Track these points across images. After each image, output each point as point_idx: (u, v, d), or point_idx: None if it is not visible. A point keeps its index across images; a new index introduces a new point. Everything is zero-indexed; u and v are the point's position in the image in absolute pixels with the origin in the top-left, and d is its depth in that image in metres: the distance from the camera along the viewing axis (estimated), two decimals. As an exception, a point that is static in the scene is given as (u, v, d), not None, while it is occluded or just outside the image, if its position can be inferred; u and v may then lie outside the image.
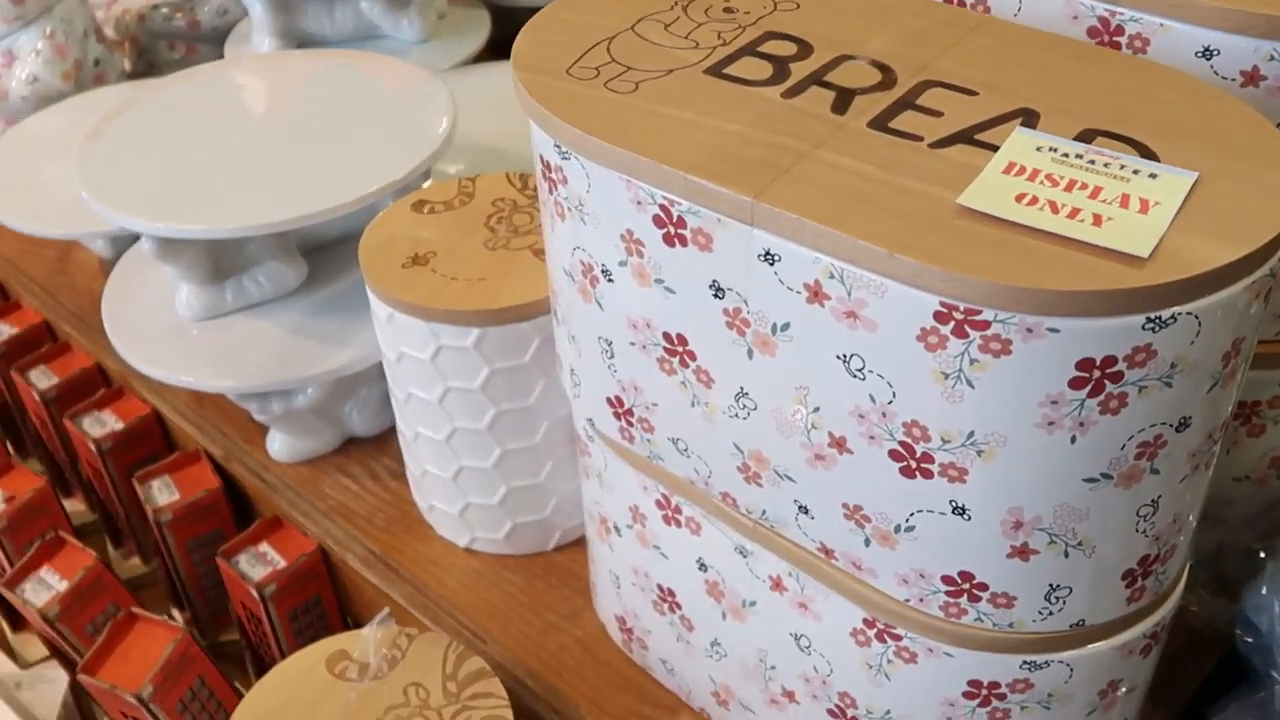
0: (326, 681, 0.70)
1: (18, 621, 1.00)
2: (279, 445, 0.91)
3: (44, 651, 0.98)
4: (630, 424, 0.61)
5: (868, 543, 0.53)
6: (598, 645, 0.77)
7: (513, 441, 0.77)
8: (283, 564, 0.86)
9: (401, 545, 0.85)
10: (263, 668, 0.92)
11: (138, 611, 0.84)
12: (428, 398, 0.76)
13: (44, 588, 0.87)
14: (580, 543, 0.84)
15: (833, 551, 0.55)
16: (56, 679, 0.93)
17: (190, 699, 0.83)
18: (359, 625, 0.85)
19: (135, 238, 1.06)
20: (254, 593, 0.84)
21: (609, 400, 0.62)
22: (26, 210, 1.03)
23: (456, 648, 0.72)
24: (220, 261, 0.89)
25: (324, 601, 0.89)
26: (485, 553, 0.84)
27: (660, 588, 0.68)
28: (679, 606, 0.68)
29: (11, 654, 0.98)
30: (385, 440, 0.94)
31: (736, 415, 0.54)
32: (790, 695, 0.63)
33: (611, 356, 0.59)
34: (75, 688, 0.93)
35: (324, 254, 0.94)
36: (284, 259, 0.89)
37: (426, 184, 0.88)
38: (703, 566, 0.64)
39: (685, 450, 0.59)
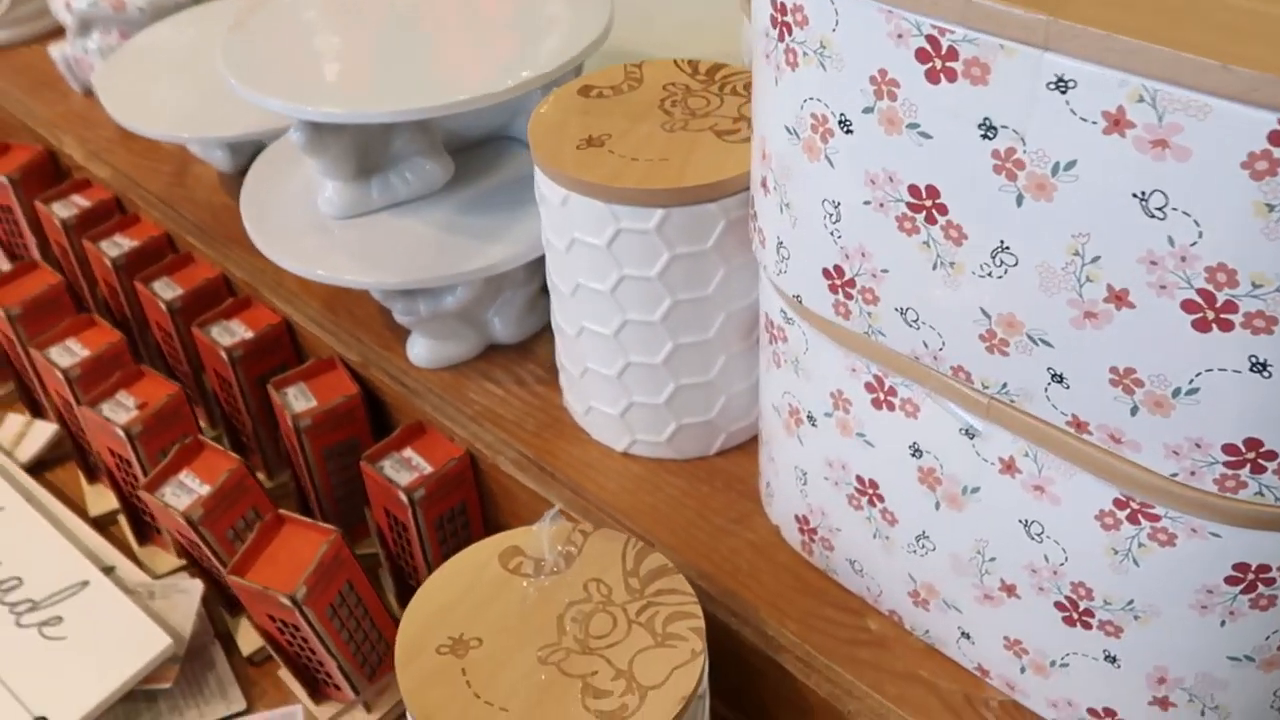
0: (501, 577, 0.67)
1: (144, 535, 0.98)
2: (421, 350, 0.88)
3: (172, 564, 0.96)
4: (849, 297, 0.57)
5: (1134, 411, 0.49)
6: (772, 549, 0.74)
7: (686, 335, 0.73)
8: (429, 469, 0.83)
9: (555, 449, 0.82)
10: (403, 580, 0.90)
11: (286, 514, 0.81)
12: (599, 288, 0.72)
13: (185, 491, 0.85)
14: (744, 447, 0.81)
15: (1087, 424, 0.51)
16: (190, 588, 0.90)
17: (339, 604, 0.80)
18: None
19: (256, 149, 1.04)
20: (402, 497, 0.81)
21: (826, 272, 0.58)
22: (149, 116, 1.01)
23: (635, 544, 0.69)
24: (366, 157, 0.85)
25: (469, 509, 0.86)
26: (645, 457, 0.80)
27: (860, 480, 0.64)
28: (880, 499, 0.64)
29: (139, 566, 0.96)
30: (528, 347, 0.90)
31: (989, 275, 0.51)
32: (1010, 589, 0.60)
33: (837, 220, 0.55)
34: (209, 598, 0.91)
35: (469, 154, 0.91)
36: (431, 155, 0.86)
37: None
38: (917, 453, 0.60)
39: (915, 321, 0.55)
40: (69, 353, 0.97)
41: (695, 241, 0.69)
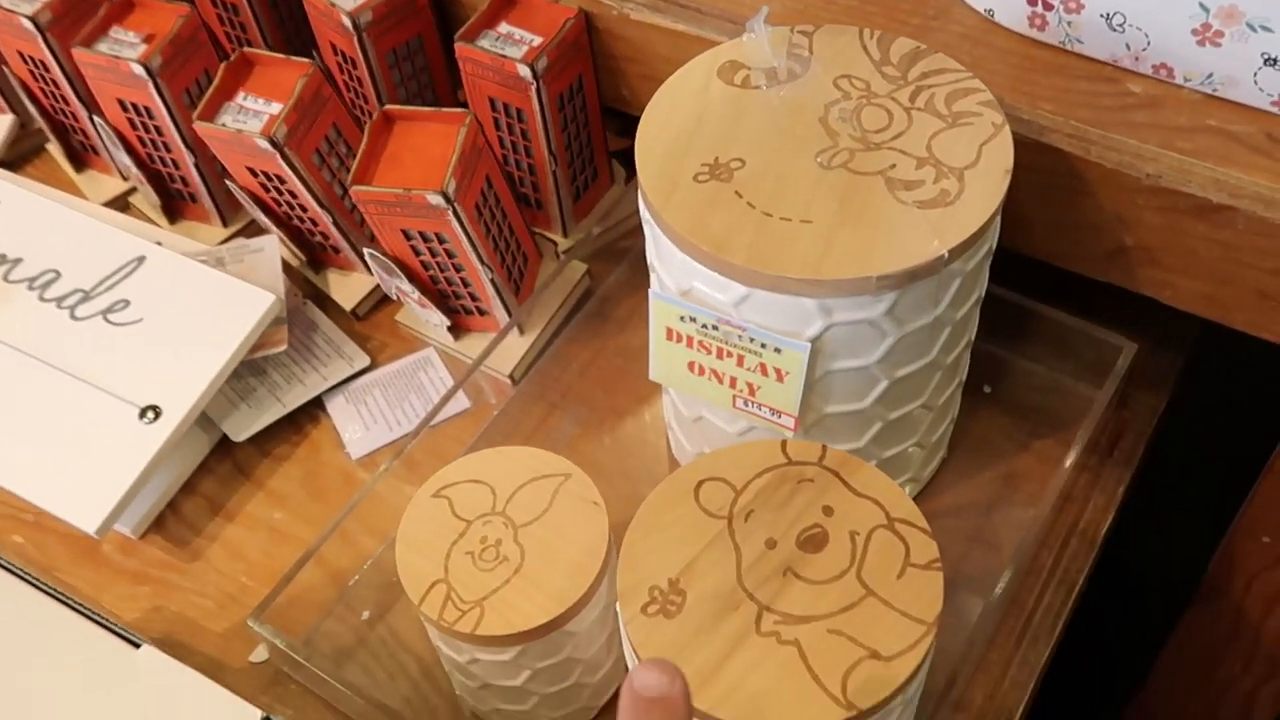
0: (731, 94, 0.56)
1: (175, 209, 0.83)
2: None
3: (222, 234, 0.82)
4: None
5: None
6: (987, 36, 0.63)
7: None
8: (539, 39, 0.69)
9: (694, -17, 0.69)
10: (514, 185, 0.77)
11: (397, 109, 0.67)
12: None
13: (250, 115, 0.69)
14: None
15: None
16: (264, 245, 0.76)
17: (483, 204, 0.68)
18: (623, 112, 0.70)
19: None
20: (522, 72, 0.68)
21: None
22: None
23: (873, 34, 0.58)
24: None
25: (585, 85, 0.73)
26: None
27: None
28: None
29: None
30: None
31: None
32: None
33: None
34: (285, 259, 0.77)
35: None
36: None
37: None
38: None
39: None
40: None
41: None
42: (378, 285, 0.77)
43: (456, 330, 0.74)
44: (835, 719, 0.43)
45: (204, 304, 0.72)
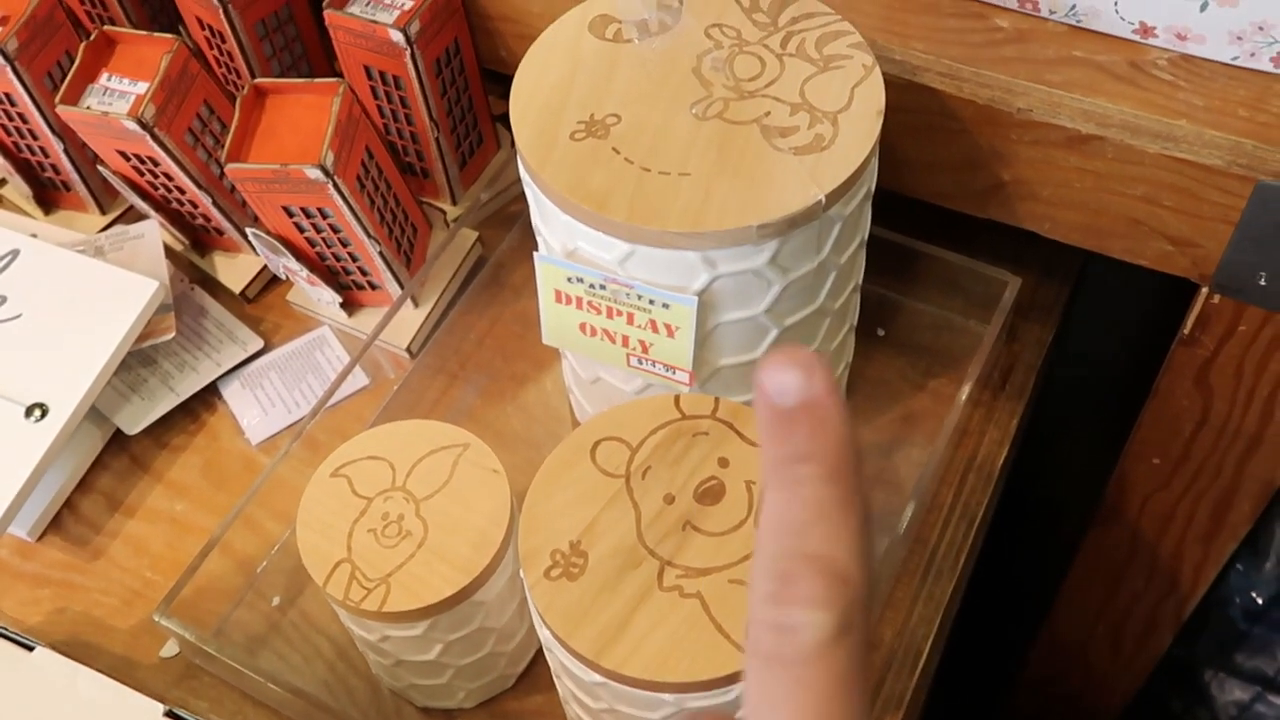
0: (603, 48, 0.55)
1: (49, 199, 0.80)
2: None
3: (100, 222, 0.79)
4: None
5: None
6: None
7: None
8: (410, 3, 0.68)
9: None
10: (396, 155, 0.76)
11: (268, 82, 0.66)
12: None
13: (116, 96, 0.67)
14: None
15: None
16: (144, 231, 0.74)
17: (365, 176, 0.67)
18: (505, 75, 0.69)
19: None
20: (395, 38, 0.66)
21: None
22: None
23: (742, -20, 0.57)
24: None
25: (463, 48, 0.72)
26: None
27: None
28: None
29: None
30: None
31: None
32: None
33: None
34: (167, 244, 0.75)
35: None
36: None
37: None
38: None
39: None
40: None
41: None
42: (266, 265, 0.76)
43: (349, 307, 0.73)
44: (741, 667, 0.44)
45: (85, 295, 0.70)
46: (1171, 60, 0.59)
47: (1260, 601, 0.86)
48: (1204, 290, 0.60)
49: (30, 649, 0.59)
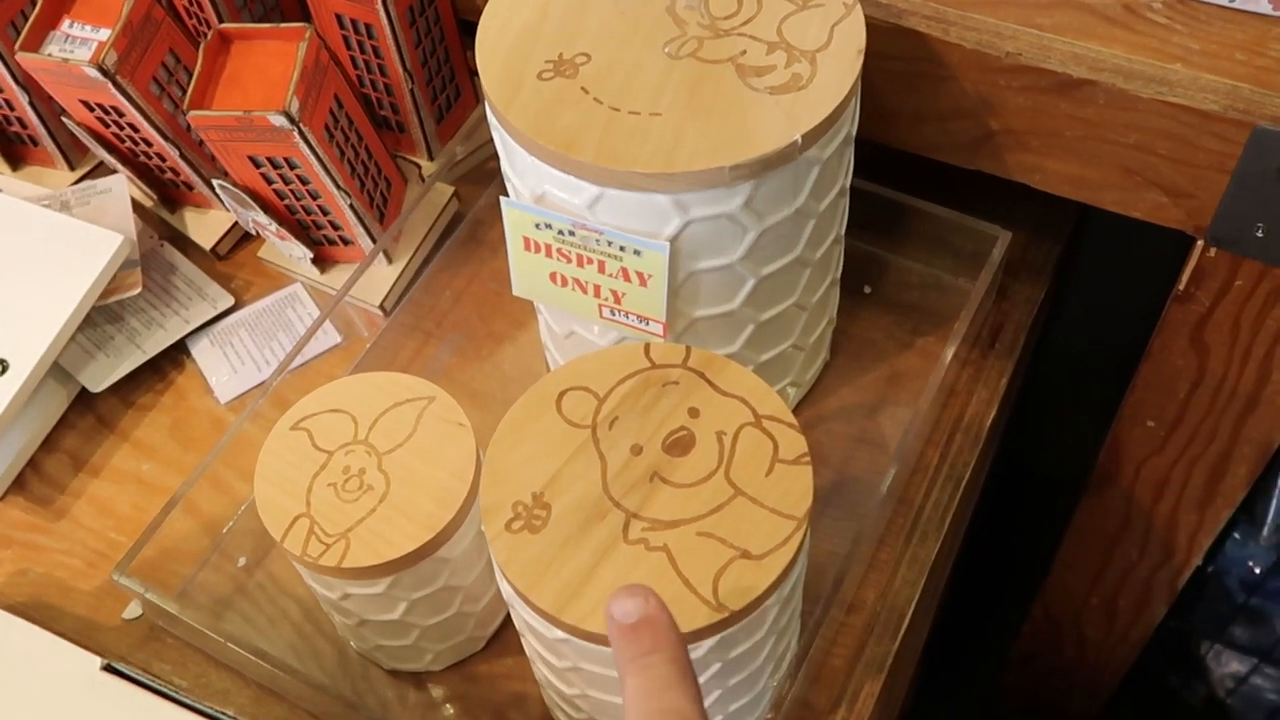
0: (573, -10, 0.53)
1: (15, 155, 0.78)
2: None
3: (69, 177, 0.77)
4: None
5: None
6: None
7: None
8: (384, -51, 0.66)
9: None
10: (371, 109, 0.74)
11: (232, 28, 0.64)
12: None
13: (77, 43, 0.65)
14: None
15: None
16: (111, 185, 0.72)
17: (334, 125, 0.65)
18: None
19: None
20: (365, -14, 0.64)
21: None
22: None
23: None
24: None
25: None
26: None
27: None
28: None
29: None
30: None
31: None
32: None
33: None
34: (135, 199, 0.73)
35: None
36: None
37: None
38: None
39: None
40: None
41: None
42: (237, 222, 0.74)
43: (321, 263, 0.71)
44: (707, 621, 0.42)
45: (48, 250, 0.68)
46: (1166, 3, 0.57)
47: (1258, 572, 0.84)
48: (1199, 243, 0.58)
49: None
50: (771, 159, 0.48)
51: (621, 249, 0.51)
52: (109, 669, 0.52)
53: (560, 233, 0.51)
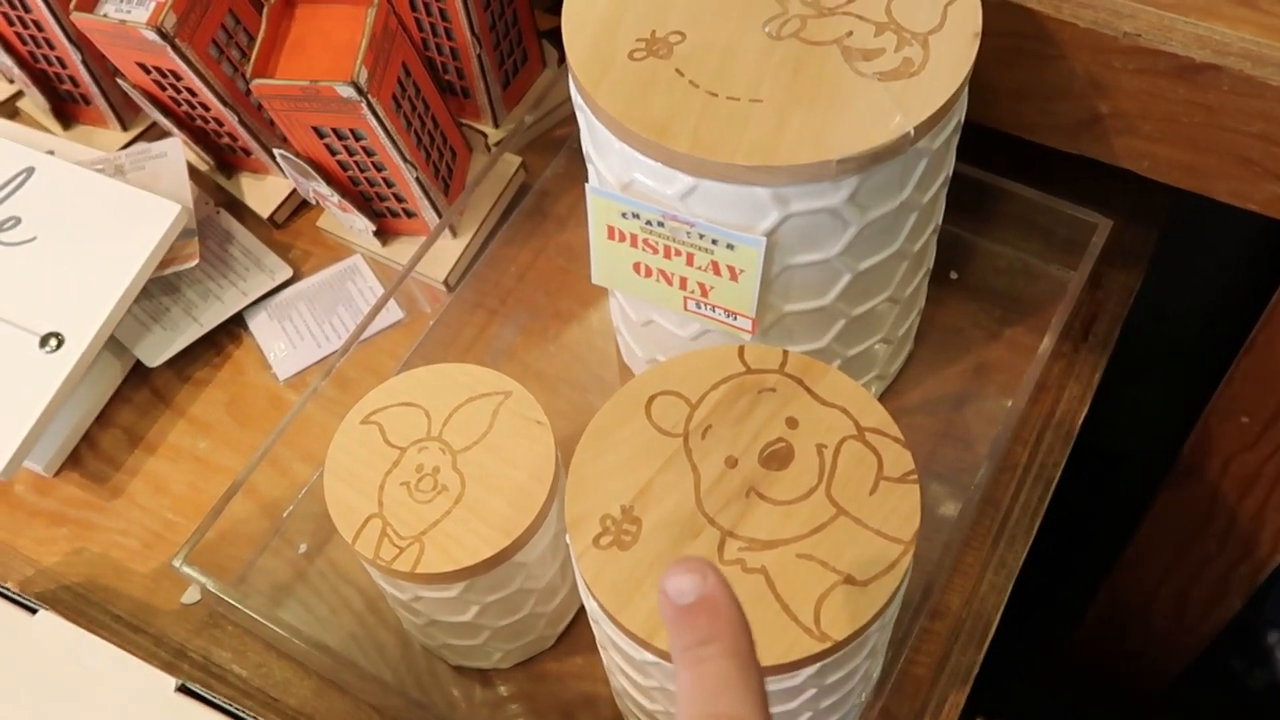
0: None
1: (68, 114, 0.76)
2: None
3: (121, 139, 0.75)
4: None
5: None
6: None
7: None
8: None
9: None
10: (438, 77, 0.71)
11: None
12: None
13: (133, 3, 0.62)
14: None
15: None
16: (167, 149, 0.70)
17: (402, 95, 0.62)
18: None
19: None
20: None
21: None
22: None
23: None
24: None
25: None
26: None
27: None
28: None
29: (78, 151, 0.74)
30: None
31: None
32: None
33: None
34: (192, 164, 0.71)
35: None
36: None
37: None
38: None
39: None
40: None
41: None
42: (295, 189, 0.71)
43: (383, 235, 0.69)
44: (809, 652, 0.40)
45: (103, 218, 0.65)
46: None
47: (1335, 565, 0.81)
48: (1319, 239, 0.55)
49: (33, 612, 0.55)
50: (880, 152, 0.44)
51: (714, 242, 0.48)
52: (183, 689, 0.51)
53: (649, 223, 0.48)
